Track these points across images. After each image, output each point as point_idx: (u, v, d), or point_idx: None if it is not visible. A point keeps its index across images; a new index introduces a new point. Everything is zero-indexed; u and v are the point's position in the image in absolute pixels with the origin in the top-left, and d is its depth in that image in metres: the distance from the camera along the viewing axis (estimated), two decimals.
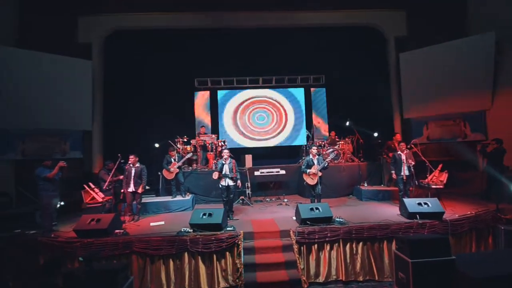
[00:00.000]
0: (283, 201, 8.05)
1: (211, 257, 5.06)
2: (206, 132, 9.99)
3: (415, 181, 6.75)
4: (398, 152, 6.92)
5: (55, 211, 6.06)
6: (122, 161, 6.62)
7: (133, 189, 6.50)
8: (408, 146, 7.10)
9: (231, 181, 6.43)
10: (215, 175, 6.48)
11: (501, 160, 7.10)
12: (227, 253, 5.07)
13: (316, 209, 5.67)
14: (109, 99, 9.78)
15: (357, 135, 9.47)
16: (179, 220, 6.27)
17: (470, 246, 5.64)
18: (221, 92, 11.07)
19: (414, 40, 9.93)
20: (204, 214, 5.49)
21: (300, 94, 11.26)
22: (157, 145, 9.08)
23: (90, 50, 9.50)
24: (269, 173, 8.61)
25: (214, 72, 10.75)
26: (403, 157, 6.78)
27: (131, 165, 6.57)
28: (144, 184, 6.60)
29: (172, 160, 7.63)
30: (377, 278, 5.23)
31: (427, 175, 6.84)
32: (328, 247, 5.24)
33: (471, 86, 8.74)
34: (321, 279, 5.13)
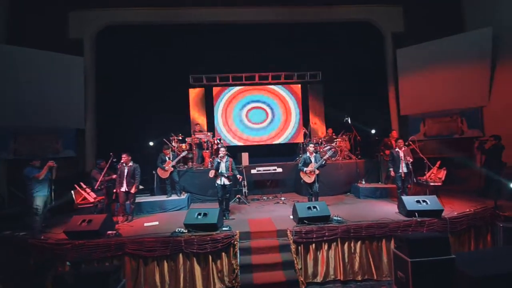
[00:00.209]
0: (280, 199, 7.96)
1: (207, 258, 4.95)
2: (202, 130, 9.85)
3: (413, 178, 6.67)
4: (396, 149, 6.82)
5: (45, 212, 5.89)
6: (114, 160, 6.46)
7: (126, 189, 6.35)
8: (406, 143, 7.02)
9: (226, 180, 6.31)
10: (211, 174, 6.36)
11: (500, 156, 7.04)
12: (223, 253, 4.97)
13: (314, 207, 5.58)
14: (103, 97, 9.58)
15: (355, 132, 9.38)
16: (174, 220, 6.15)
17: (469, 244, 5.59)
18: (216, 89, 10.91)
19: (411, 36, 9.88)
20: (199, 214, 5.36)
21: (297, 90, 11.13)
22: (151, 143, 8.94)
23: (82, 46, 9.30)
24: (266, 171, 8.49)
25: (209, 69, 10.59)
26: (401, 154, 6.69)
27: (123, 164, 6.41)
28: (137, 184, 6.44)
29: (167, 159, 7.47)
30: (375, 277, 5.17)
31: (425, 172, 6.77)
32: (326, 247, 5.16)
33: (467, 82, 8.69)
34: (319, 279, 5.05)
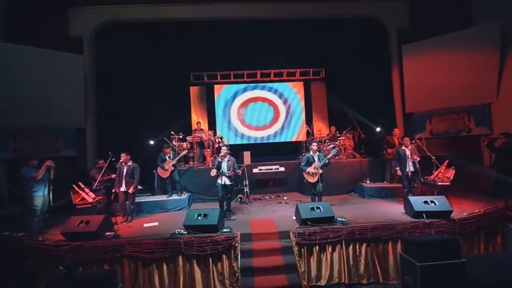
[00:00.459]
0: (283, 199, 7.80)
1: (207, 260, 4.81)
2: (203, 128, 9.71)
3: (420, 177, 6.47)
4: (402, 147, 6.63)
5: (44, 213, 5.80)
6: (113, 159, 6.34)
7: (125, 189, 6.24)
8: (413, 141, 6.82)
9: (228, 180, 6.17)
10: (213, 172, 6.22)
11: (511, 155, 6.81)
12: (223, 256, 4.83)
13: (317, 208, 5.40)
14: (104, 95, 9.49)
15: (359, 130, 9.18)
16: (174, 220, 6.03)
17: (478, 246, 5.39)
18: (217, 87, 10.75)
19: (417, 31, 9.63)
20: (199, 215, 5.22)
21: (299, 88, 10.94)
22: (152, 142, 8.82)
23: (82, 44, 9.18)
24: (268, 170, 8.32)
25: (210, 66, 10.43)
26: (408, 152, 6.49)
27: (122, 163, 6.29)
28: (136, 184, 6.31)
29: (167, 158, 7.34)
30: (381, 280, 5.00)
31: (432, 171, 6.56)
32: (330, 249, 4.99)
33: (475, 78, 8.47)
34: (323, 282, 4.89)
